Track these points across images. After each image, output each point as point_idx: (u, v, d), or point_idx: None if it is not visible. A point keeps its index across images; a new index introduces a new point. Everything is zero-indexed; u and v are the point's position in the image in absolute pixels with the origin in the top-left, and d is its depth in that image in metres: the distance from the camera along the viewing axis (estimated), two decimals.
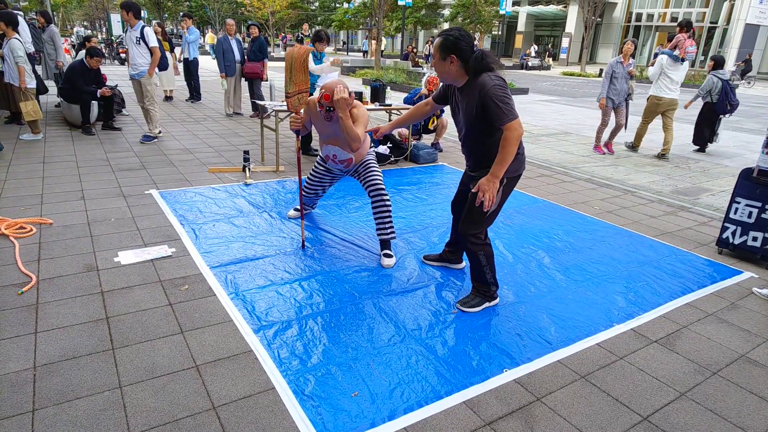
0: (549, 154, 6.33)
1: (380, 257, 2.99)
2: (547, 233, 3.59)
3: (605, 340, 2.30)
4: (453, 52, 2.14)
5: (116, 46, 17.70)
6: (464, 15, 25.83)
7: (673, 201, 4.59)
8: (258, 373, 1.94)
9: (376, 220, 3.00)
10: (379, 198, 2.97)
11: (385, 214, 2.97)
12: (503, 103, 2.06)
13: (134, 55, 5.45)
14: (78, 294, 2.44)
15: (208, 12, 33.38)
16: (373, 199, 2.99)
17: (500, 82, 2.11)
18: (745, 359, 2.22)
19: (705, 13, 26.28)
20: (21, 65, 5.28)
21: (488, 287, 2.48)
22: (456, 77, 2.22)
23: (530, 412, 1.82)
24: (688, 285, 2.90)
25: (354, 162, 3.06)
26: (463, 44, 2.13)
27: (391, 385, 1.91)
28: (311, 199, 3.47)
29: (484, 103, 2.10)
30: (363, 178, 3.05)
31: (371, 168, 3.05)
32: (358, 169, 3.09)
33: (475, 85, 2.14)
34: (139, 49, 5.41)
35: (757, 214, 3.20)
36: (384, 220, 2.97)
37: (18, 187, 3.97)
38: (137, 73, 5.52)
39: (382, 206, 2.97)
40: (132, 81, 5.62)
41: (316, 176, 3.30)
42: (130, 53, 5.48)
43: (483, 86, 2.09)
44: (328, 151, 3.06)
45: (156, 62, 5.53)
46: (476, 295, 2.51)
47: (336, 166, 3.14)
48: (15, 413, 1.68)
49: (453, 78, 2.23)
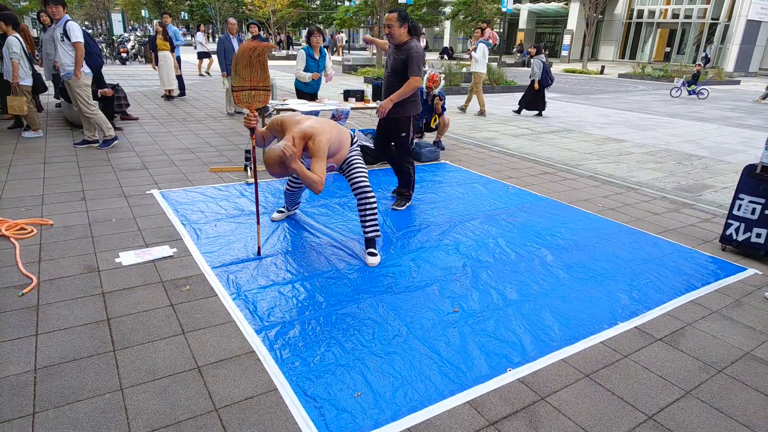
0: (551, 151, 6.30)
1: (365, 256, 2.97)
2: (550, 231, 3.57)
3: (609, 338, 2.29)
4: (406, 21, 3.47)
5: (117, 46, 17.71)
6: (465, 12, 25.74)
7: (675, 198, 4.56)
8: (260, 374, 1.93)
9: (360, 218, 2.97)
10: (363, 196, 2.93)
11: (369, 211, 2.93)
12: (417, 64, 3.46)
13: (60, 54, 4.80)
14: (79, 295, 2.43)
15: (209, 11, 33.35)
16: (357, 197, 2.95)
17: (422, 51, 3.52)
18: (750, 357, 2.20)
19: (706, 10, 26.15)
20: (15, 61, 5.28)
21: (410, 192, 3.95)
22: (402, 38, 3.48)
23: (534, 411, 1.81)
24: (692, 282, 2.88)
25: (336, 167, 3.02)
26: (409, 17, 3.50)
27: (394, 385, 1.90)
28: (295, 193, 3.39)
29: (408, 57, 3.46)
30: (348, 175, 3.00)
31: (355, 166, 2.99)
32: (342, 166, 3.03)
33: (408, 47, 3.47)
34: (64, 47, 4.79)
35: (761, 210, 3.17)
36: (367, 218, 2.94)
37: (19, 188, 3.97)
38: (65, 74, 4.91)
39: (365, 204, 2.93)
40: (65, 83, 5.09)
41: None
42: (57, 52, 4.82)
43: (411, 48, 3.46)
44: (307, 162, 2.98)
45: (80, 60, 4.83)
46: (403, 199, 3.93)
47: None
48: (15, 416, 1.67)
49: (400, 38, 3.48)
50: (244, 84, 2.80)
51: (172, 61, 8.91)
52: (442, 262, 2.98)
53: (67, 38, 4.82)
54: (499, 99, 11.56)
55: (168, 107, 8.42)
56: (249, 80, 2.80)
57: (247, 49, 2.74)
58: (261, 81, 2.81)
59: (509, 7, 20.49)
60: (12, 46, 5.27)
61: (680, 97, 13.44)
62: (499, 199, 4.25)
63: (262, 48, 2.77)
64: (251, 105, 2.85)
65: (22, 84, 5.47)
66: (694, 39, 27.42)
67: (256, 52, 2.74)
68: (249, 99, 2.84)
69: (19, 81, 5.43)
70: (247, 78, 2.79)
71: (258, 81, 2.81)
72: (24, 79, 5.48)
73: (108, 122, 5.39)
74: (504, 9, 21.41)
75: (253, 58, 2.75)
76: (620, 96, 13.39)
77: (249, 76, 2.79)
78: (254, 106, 2.85)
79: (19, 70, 5.37)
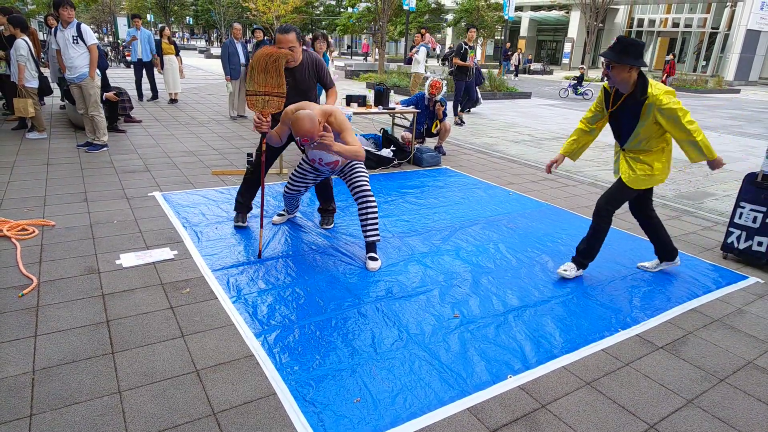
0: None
1: (365, 260, 2.97)
2: (551, 237, 3.56)
3: (610, 345, 2.27)
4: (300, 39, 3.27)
5: (122, 50, 17.82)
6: (468, 20, 25.89)
7: (677, 205, 4.55)
8: (259, 378, 1.92)
9: (360, 222, 2.95)
10: (364, 200, 2.92)
11: (371, 215, 2.92)
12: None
13: (72, 57, 4.92)
14: (79, 297, 2.43)
15: (214, 16, 33.60)
16: (357, 202, 2.95)
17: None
18: (752, 366, 2.18)
19: (706, 19, 26.30)
20: (21, 63, 5.33)
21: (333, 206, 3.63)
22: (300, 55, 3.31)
23: (535, 419, 1.80)
24: (694, 290, 2.87)
25: (340, 163, 2.99)
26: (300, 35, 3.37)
27: (393, 391, 1.89)
28: (293, 196, 3.33)
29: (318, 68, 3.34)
30: (348, 179, 2.99)
31: (357, 169, 2.98)
32: (344, 169, 3.02)
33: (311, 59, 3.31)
34: (77, 49, 4.92)
35: (762, 218, 3.17)
36: (368, 222, 2.93)
37: (21, 189, 3.98)
38: (77, 76, 5.01)
39: (366, 208, 2.92)
40: (71, 86, 5.19)
41: (300, 173, 3.16)
42: (66, 55, 4.92)
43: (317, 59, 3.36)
44: (313, 156, 2.98)
45: (95, 62, 4.99)
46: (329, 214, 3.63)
47: (322, 168, 3.06)
48: (12, 418, 1.66)
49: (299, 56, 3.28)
50: (259, 89, 2.84)
51: (177, 65, 8.96)
52: (442, 268, 2.97)
53: (81, 40, 4.92)
54: (500, 106, 11.60)
55: (171, 110, 8.45)
56: (264, 86, 2.84)
57: (263, 54, 2.77)
58: (276, 87, 2.84)
59: (511, 14, 20.63)
60: (20, 48, 5.32)
61: (568, 98, 14.38)
62: (500, 204, 4.25)
63: (278, 55, 2.79)
64: (264, 110, 2.87)
65: (28, 86, 5.52)
66: (694, 48, 27.55)
67: (272, 58, 2.77)
68: (263, 104, 2.87)
69: (25, 83, 5.47)
70: (262, 83, 2.83)
71: (273, 87, 2.84)
72: (30, 81, 5.53)
73: (106, 128, 5.43)
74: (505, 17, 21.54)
75: (269, 64, 2.79)
76: None
77: (264, 82, 2.83)
78: (267, 112, 2.87)
79: (25, 72, 5.41)
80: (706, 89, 18.82)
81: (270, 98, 2.85)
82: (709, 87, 19.12)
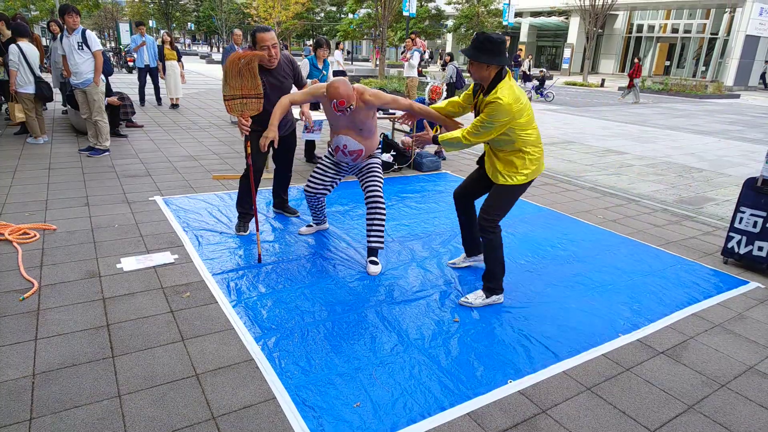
0: (552, 163, 6.32)
1: (366, 264, 2.97)
2: (551, 242, 3.56)
3: (611, 350, 2.27)
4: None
5: (124, 55, 17.93)
6: (467, 26, 26.05)
7: (677, 210, 4.56)
8: (259, 383, 1.92)
9: (367, 226, 2.94)
10: (374, 206, 2.91)
11: (378, 222, 2.91)
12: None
13: (77, 63, 5.00)
14: (79, 300, 2.43)
15: (215, 22, 33.80)
16: (368, 205, 2.94)
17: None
18: (753, 371, 2.18)
19: (705, 25, 26.44)
20: (12, 69, 5.33)
21: None
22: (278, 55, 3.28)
23: (535, 424, 1.79)
24: (694, 295, 2.87)
25: (364, 154, 2.92)
26: None
27: (393, 396, 1.88)
28: (315, 197, 3.18)
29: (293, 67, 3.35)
30: (364, 181, 2.98)
31: (374, 171, 2.97)
32: (362, 168, 3.00)
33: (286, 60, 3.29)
34: (82, 55, 5.00)
35: (762, 223, 3.17)
36: (374, 228, 2.92)
37: (23, 193, 3.99)
38: (82, 82, 5.07)
39: (375, 214, 2.91)
40: (75, 91, 5.24)
41: (321, 169, 3.09)
42: (72, 61, 5.01)
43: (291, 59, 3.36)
44: (338, 142, 2.91)
45: (100, 68, 5.07)
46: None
47: (345, 159, 2.97)
48: (12, 422, 1.66)
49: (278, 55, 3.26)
50: (235, 93, 2.84)
51: (179, 71, 9.02)
52: (443, 272, 2.98)
53: (87, 46, 5.00)
54: None
55: (173, 115, 8.49)
56: (240, 89, 2.84)
57: (236, 58, 2.78)
58: (252, 89, 2.84)
59: (510, 20, 20.76)
60: (10, 53, 5.33)
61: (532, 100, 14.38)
62: None
63: (250, 57, 2.80)
64: (244, 113, 2.89)
65: (21, 92, 5.50)
66: (693, 53, 27.66)
67: (244, 61, 2.78)
68: (241, 107, 2.88)
69: (18, 88, 5.45)
70: (237, 87, 2.83)
71: (249, 89, 2.84)
72: (23, 87, 5.49)
73: (108, 134, 5.47)
74: (505, 22, 21.67)
75: (243, 68, 2.79)
76: (621, 108, 13.46)
77: (240, 85, 2.83)
78: (247, 114, 2.89)
79: (16, 77, 5.41)
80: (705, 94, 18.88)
81: (247, 101, 2.87)
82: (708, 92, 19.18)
